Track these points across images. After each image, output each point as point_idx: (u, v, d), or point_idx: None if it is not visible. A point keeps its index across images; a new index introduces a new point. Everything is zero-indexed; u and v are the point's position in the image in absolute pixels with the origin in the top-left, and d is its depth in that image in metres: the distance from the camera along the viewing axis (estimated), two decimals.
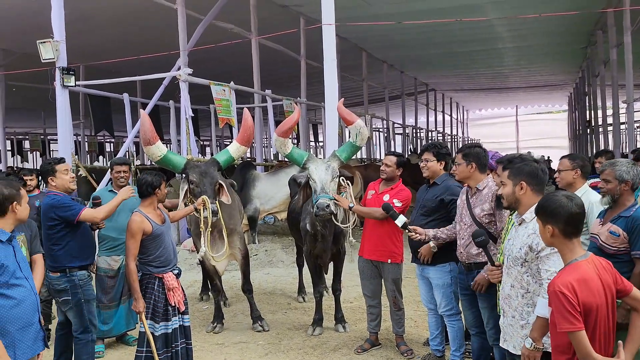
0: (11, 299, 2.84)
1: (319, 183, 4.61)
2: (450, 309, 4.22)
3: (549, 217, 2.44)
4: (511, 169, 2.99)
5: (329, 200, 4.50)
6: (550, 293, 2.36)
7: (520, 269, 2.87)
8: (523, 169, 2.95)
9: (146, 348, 3.86)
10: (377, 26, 11.61)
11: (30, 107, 19.29)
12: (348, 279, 6.64)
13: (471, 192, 3.87)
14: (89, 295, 4.19)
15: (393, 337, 4.89)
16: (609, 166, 3.42)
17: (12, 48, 13.09)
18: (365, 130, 4.85)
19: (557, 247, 2.49)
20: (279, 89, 13.28)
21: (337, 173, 4.72)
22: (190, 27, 9.12)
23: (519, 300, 2.88)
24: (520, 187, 2.93)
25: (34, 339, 2.95)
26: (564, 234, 2.42)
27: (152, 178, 3.96)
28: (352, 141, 4.85)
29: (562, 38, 14.63)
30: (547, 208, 2.45)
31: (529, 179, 2.93)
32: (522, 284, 2.87)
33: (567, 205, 2.42)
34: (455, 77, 21.27)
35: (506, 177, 3.01)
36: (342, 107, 4.94)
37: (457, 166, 3.92)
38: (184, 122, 8.42)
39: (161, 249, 3.93)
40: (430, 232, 4.06)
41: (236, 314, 5.99)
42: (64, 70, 7.38)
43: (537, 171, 2.96)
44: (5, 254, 2.85)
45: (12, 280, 2.85)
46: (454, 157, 4.60)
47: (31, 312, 2.93)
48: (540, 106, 34.26)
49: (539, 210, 2.50)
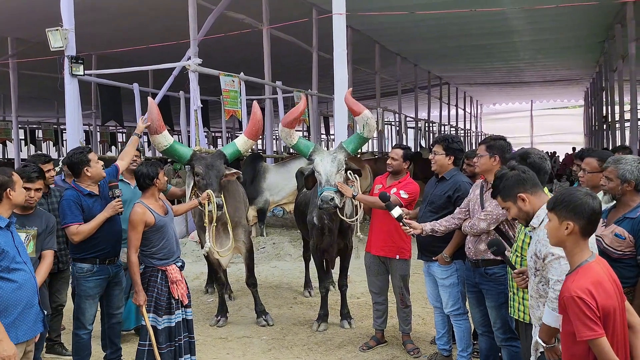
0: (13, 282, 2.93)
1: (323, 175, 4.51)
2: (457, 309, 4.09)
3: (570, 212, 2.27)
4: (501, 191, 2.83)
5: (334, 192, 4.40)
6: (566, 300, 2.21)
7: (534, 278, 2.72)
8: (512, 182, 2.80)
9: (149, 342, 3.80)
10: (391, 18, 11.44)
11: (43, 97, 19.38)
12: (355, 274, 6.56)
13: (487, 187, 3.63)
14: (83, 291, 3.98)
15: (399, 334, 4.79)
16: (612, 163, 3.21)
17: (26, 37, 13.10)
18: (373, 122, 4.73)
19: (568, 247, 2.32)
20: (291, 81, 13.17)
21: (343, 165, 4.62)
22: (202, 18, 9.05)
23: (541, 309, 2.70)
24: (521, 200, 2.77)
25: (34, 320, 3.04)
26: (582, 233, 2.28)
27: (147, 169, 3.88)
28: (359, 132, 4.75)
29: (580, 31, 14.33)
30: (569, 203, 2.29)
31: (524, 186, 2.77)
32: (540, 293, 2.71)
33: (590, 202, 2.27)
34: (470, 71, 20.98)
35: (502, 201, 2.87)
36: (349, 97, 4.82)
37: (478, 158, 3.72)
38: (192, 113, 8.35)
39: (164, 241, 3.86)
40: (427, 227, 3.90)
41: (241, 307, 5.93)
42: (73, 59, 7.34)
43: (521, 176, 2.80)
44: (4, 240, 2.91)
45: (12, 264, 2.93)
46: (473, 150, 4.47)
47: (31, 294, 3.02)
48: (555, 101, 33.75)
49: (557, 205, 2.32)
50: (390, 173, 4.68)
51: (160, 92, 9.56)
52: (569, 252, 2.33)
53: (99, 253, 3.96)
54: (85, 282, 3.97)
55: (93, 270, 3.96)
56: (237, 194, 5.20)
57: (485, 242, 3.55)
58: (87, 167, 3.92)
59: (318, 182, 4.59)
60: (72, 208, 3.86)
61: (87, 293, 3.99)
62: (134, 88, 10.36)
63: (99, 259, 3.96)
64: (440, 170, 4.16)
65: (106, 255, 4.00)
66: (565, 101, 33.80)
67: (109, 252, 4.02)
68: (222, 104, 8.76)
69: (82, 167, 3.92)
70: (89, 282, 3.98)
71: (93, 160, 3.95)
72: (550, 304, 2.53)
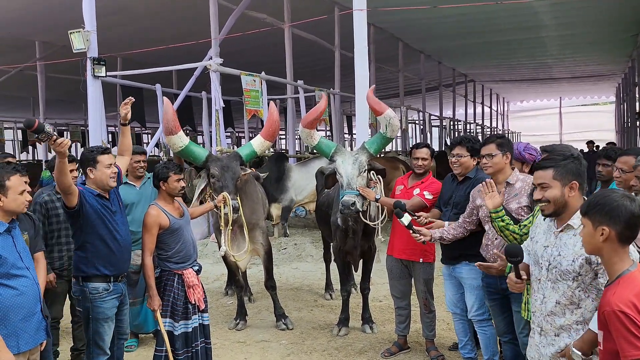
0: (13, 289, 2.83)
1: (345, 178, 4.39)
2: (482, 314, 3.91)
3: (606, 217, 2.10)
4: (558, 168, 2.54)
5: (355, 196, 4.27)
6: (607, 315, 2.01)
7: (571, 283, 2.45)
8: (572, 167, 2.52)
9: (165, 347, 3.72)
10: (413, 15, 11.23)
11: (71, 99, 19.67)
12: (378, 276, 6.41)
13: (499, 189, 3.49)
14: (100, 313, 3.49)
15: (423, 340, 4.64)
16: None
17: (52, 40, 13.29)
18: (396, 121, 4.58)
19: (605, 256, 2.14)
20: (313, 80, 13.07)
21: (365, 167, 4.49)
22: (224, 18, 9.01)
23: (567, 317, 2.47)
24: (570, 188, 2.51)
25: (37, 329, 2.95)
26: (620, 239, 2.09)
27: (159, 169, 3.74)
28: (382, 132, 4.61)
29: (610, 25, 13.87)
30: (604, 207, 2.11)
31: (579, 178, 2.53)
32: (573, 299, 2.45)
33: (628, 205, 2.09)
34: (496, 68, 20.59)
35: (551, 177, 2.54)
36: (371, 95, 4.67)
37: (489, 158, 3.56)
38: (214, 113, 8.33)
39: (180, 244, 3.76)
40: (436, 234, 3.77)
41: (260, 310, 5.84)
42: (95, 60, 7.37)
43: (583, 169, 2.56)
44: (2, 245, 2.81)
45: (12, 270, 2.83)
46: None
47: (33, 302, 2.92)
48: (585, 97, 32.92)
49: (591, 209, 2.15)
50: (413, 173, 4.54)
51: (181, 92, 9.56)
52: (607, 261, 2.15)
53: (114, 270, 3.54)
54: (102, 303, 3.50)
55: (109, 289, 3.52)
56: (254, 195, 5.11)
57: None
58: (91, 167, 3.46)
59: (340, 185, 4.48)
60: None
61: (105, 315, 3.52)
62: (157, 89, 10.39)
63: (112, 276, 3.54)
64: (464, 172, 4.01)
65: (119, 272, 3.60)
66: (596, 98, 32.96)
67: (122, 268, 3.62)
68: (244, 103, 8.74)
69: (85, 166, 3.49)
70: (106, 303, 3.51)
71: (102, 163, 3.46)
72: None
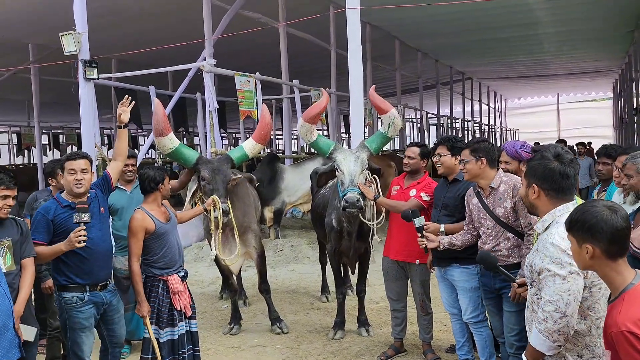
0: None
1: (347, 175, 4.31)
2: (477, 315, 3.85)
3: (587, 234, 1.94)
4: (527, 167, 2.50)
5: (359, 194, 4.20)
6: (614, 336, 1.81)
7: (531, 289, 2.41)
8: (537, 169, 2.43)
9: (152, 355, 3.64)
10: (409, 13, 11.15)
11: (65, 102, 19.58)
12: (374, 277, 6.31)
13: (485, 193, 3.51)
14: (76, 324, 3.39)
15: (420, 343, 4.56)
16: (630, 159, 2.98)
17: (46, 43, 13.19)
18: (399, 121, 4.58)
19: (600, 272, 1.99)
20: (309, 80, 12.99)
21: (366, 165, 4.44)
22: (218, 18, 8.92)
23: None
24: (532, 191, 2.43)
25: (9, 346, 2.81)
26: (608, 255, 1.92)
27: (154, 173, 3.69)
28: (383, 131, 4.56)
29: (607, 21, 13.79)
30: (585, 223, 1.95)
31: (541, 182, 2.40)
32: (534, 307, 2.38)
33: (610, 219, 1.91)
34: (493, 65, 20.52)
35: (523, 175, 2.53)
36: (374, 94, 4.63)
37: (464, 164, 3.54)
38: (208, 114, 8.24)
39: (165, 249, 3.68)
40: (444, 240, 3.72)
41: (256, 314, 5.76)
42: (87, 62, 7.28)
43: (553, 174, 2.38)
44: None
45: None
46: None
47: (5, 318, 2.77)
48: (583, 94, 32.91)
49: (573, 225, 2.00)
50: (407, 173, 4.47)
51: (175, 94, 9.47)
52: (604, 277, 1.99)
53: (88, 279, 3.42)
54: (78, 312, 3.41)
55: (84, 299, 3.41)
56: (246, 198, 5.03)
57: (506, 249, 3.41)
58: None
59: (340, 183, 4.40)
60: (38, 225, 3.36)
61: (82, 325, 3.42)
62: (150, 90, 10.29)
63: (88, 285, 3.42)
64: (448, 173, 3.98)
65: (96, 281, 3.47)
66: (593, 94, 32.95)
67: (98, 276, 3.48)
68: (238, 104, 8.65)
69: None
70: (82, 313, 3.42)
71: (66, 169, 3.38)
72: (539, 325, 2.27)
